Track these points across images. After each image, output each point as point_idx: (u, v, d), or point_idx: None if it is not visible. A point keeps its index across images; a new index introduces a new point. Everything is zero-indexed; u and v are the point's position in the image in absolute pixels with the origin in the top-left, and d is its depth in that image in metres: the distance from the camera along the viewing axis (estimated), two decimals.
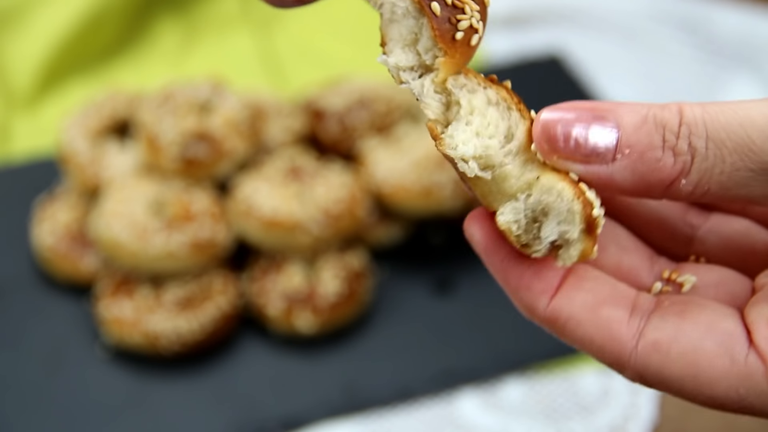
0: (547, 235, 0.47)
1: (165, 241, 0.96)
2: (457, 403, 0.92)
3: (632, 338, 0.45)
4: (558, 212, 0.46)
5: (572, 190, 0.46)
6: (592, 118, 0.44)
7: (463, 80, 0.48)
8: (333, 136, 1.09)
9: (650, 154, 0.44)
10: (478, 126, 0.47)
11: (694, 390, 0.44)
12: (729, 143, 0.43)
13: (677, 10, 1.41)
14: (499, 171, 0.47)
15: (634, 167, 0.44)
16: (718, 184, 0.43)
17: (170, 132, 1.00)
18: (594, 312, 0.46)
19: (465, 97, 0.48)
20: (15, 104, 1.27)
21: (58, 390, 0.94)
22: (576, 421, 0.90)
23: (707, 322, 0.44)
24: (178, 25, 1.41)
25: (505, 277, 0.48)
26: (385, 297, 1.02)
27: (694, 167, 0.43)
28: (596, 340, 0.46)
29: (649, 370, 0.45)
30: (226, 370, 0.96)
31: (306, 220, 0.98)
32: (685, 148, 0.43)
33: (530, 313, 0.48)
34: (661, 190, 0.44)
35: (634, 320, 0.46)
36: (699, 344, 0.44)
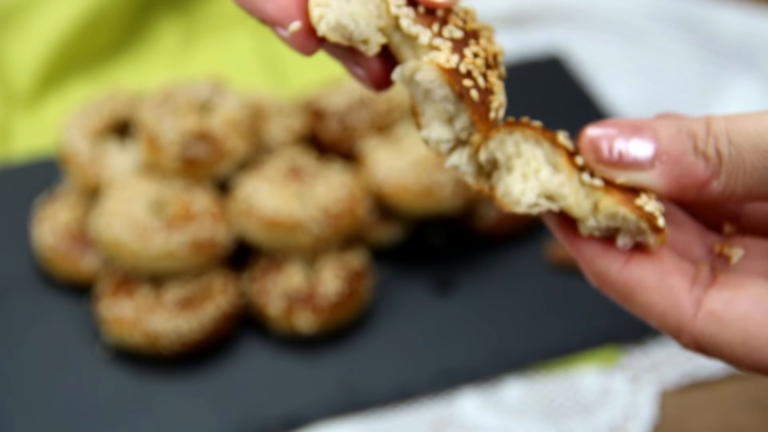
0: (624, 243, 0.53)
1: (165, 241, 0.96)
2: (457, 403, 0.92)
3: (692, 307, 0.51)
4: (628, 230, 0.52)
5: (633, 213, 0.52)
6: (632, 133, 0.52)
7: (492, 144, 0.53)
8: (333, 136, 1.09)
9: (684, 159, 0.51)
10: (521, 167, 0.52)
11: (744, 354, 0.50)
12: (746, 146, 0.50)
13: (677, 10, 1.41)
14: (563, 204, 0.52)
15: (671, 172, 0.51)
16: (743, 184, 0.51)
17: (170, 132, 1.00)
18: (662, 280, 0.52)
19: (498, 151, 0.53)
20: (15, 104, 1.27)
21: (58, 390, 0.94)
22: (576, 421, 0.90)
23: (757, 296, 0.51)
24: (179, 25, 1.41)
25: (580, 248, 0.54)
26: (385, 297, 1.02)
27: (723, 169, 0.50)
28: (660, 305, 0.52)
29: (705, 336, 0.51)
30: (226, 370, 0.96)
31: (306, 219, 0.98)
32: (714, 153, 0.50)
33: (602, 279, 0.53)
34: (695, 191, 0.51)
35: (695, 290, 0.52)
36: (749, 314, 0.50)
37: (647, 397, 0.91)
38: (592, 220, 0.52)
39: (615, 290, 0.53)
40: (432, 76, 0.51)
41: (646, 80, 1.33)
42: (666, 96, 1.29)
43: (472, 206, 1.04)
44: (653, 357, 0.95)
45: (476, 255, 1.06)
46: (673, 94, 1.30)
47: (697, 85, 1.30)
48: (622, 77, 1.33)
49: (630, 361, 0.95)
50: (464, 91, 0.51)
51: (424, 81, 0.52)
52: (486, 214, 1.05)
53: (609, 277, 0.53)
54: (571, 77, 1.30)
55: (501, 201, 0.53)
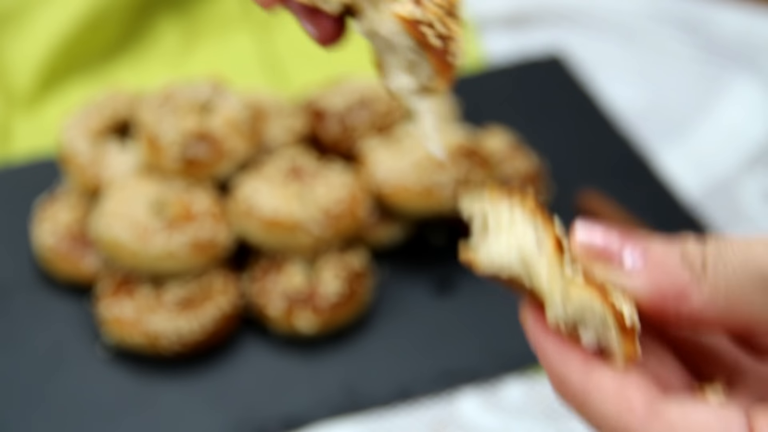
0: (587, 340, 0.50)
1: (165, 241, 0.96)
2: (457, 403, 0.92)
3: (647, 417, 0.48)
4: (594, 324, 0.50)
5: (603, 303, 0.49)
6: (621, 246, 0.50)
7: (487, 206, 0.52)
8: (333, 136, 1.09)
9: (669, 265, 0.49)
10: (508, 232, 0.51)
11: None
12: (736, 261, 0.48)
13: (677, 10, 1.41)
14: (535, 281, 0.50)
15: (655, 280, 0.49)
16: (725, 299, 0.48)
17: (171, 132, 1.00)
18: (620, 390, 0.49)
19: (491, 215, 0.52)
20: (15, 104, 1.27)
21: (58, 390, 0.94)
22: (576, 421, 0.90)
23: (718, 412, 0.48)
24: (179, 25, 1.41)
25: (544, 346, 0.51)
26: (385, 297, 1.02)
27: (707, 282, 0.48)
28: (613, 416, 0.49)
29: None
30: (226, 370, 0.96)
31: (306, 220, 0.98)
32: (698, 265, 0.49)
33: (561, 386, 0.51)
34: (676, 302, 0.49)
35: (655, 405, 0.49)
36: (706, 425, 0.47)
37: None
38: (560, 309, 0.50)
39: (571, 398, 0.51)
40: (394, 28, 0.51)
41: (646, 81, 1.33)
42: (666, 96, 1.29)
43: None
44: None
45: None
46: (673, 94, 1.30)
47: (697, 85, 1.31)
48: (622, 77, 1.33)
49: None
50: (425, 39, 0.51)
51: (387, 32, 0.52)
52: None
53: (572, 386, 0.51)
54: (571, 77, 1.30)
55: (473, 258, 0.51)
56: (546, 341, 0.51)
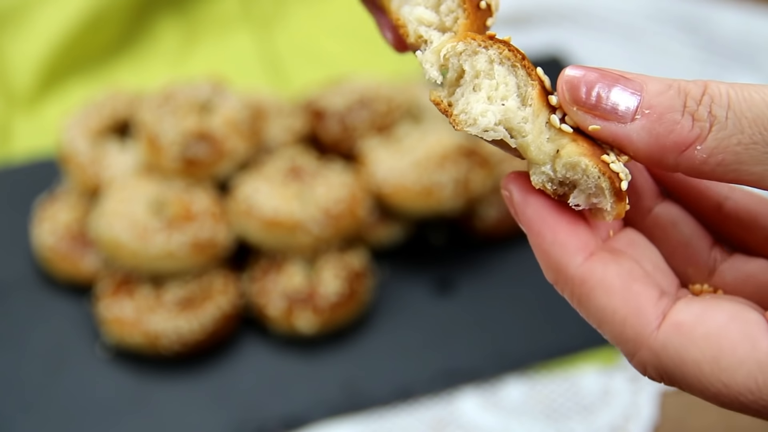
0: (577, 203, 0.47)
1: (165, 241, 0.96)
2: (457, 403, 0.92)
3: (657, 317, 0.45)
4: (585, 187, 0.47)
5: (597, 167, 0.46)
6: (616, 80, 0.45)
7: (461, 46, 0.48)
8: (333, 136, 1.09)
9: (669, 116, 0.44)
10: (488, 89, 0.47)
11: (712, 375, 0.43)
12: (749, 115, 0.43)
13: (677, 10, 1.41)
14: (520, 141, 0.47)
15: (652, 128, 0.45)
16: (734, 155, 0.44)
17: (171, 132, 1.00)
18: (627, 283, 0.46)
19: (467, 62, 0.48)
20: (15, 104, 1.27)
21: (58, 390, 0.94)
22: (576, 421, 0.90)
23: (732, 310, 0.44)
24: (179, 25, 1.41)
25: (539, 230, 0.47)
26: (385, 297, 1.02)
27: (711, 134, 0.44)
28: (620, 312, 0.45)
29: (668, 351, 0.44)
30: (226, 370, 0.96)
31: (306, 220, 0.98)
32: (705, 115, 0.44)
33: (558, 273, 0.47)
34: (675, 155, 0.45)
35: (662, 301, 0.46)
36: (723, 328, 0.44)
37: (647, 397, 0.91)
38: (548, 167, 0.47)
39: (572, 286, 0.47)
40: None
41: None
42: None
43: (472, 206, 1.04)
44: None
45: (476, 255, 1.06)
46: None
47: None
48: None
49: None
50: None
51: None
52: (486, 214, 1.05)
53: (567, 270, 0.47)
54: None
55: (456, 118, 0.48)
56: (537, 215, 0.47)
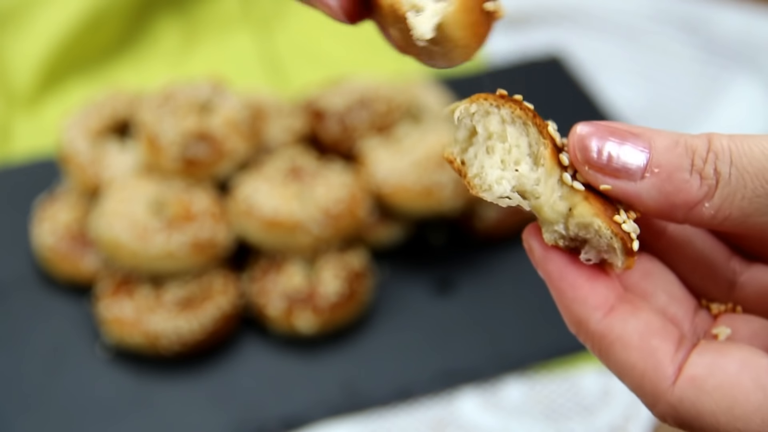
0: (588, 258, 0.49)
1: (165, 241, 0.96)
2: (457, 403, 0.92)
3: (673, 372, 0.46)
4: (597, 245, 0.48)
5: (609, 229, 0.47)
6: (626, 136, 0.47)
7: (474, 107, 0.49)
8: (333, 136, 1.09)
9: (678, 176, 0.46)
10: (501, 153, 0.48)
11: (728, 424, 0.45)
12: (751, 169, 0.45)
13: (677, 11, 1.41)
14: (534, 202, 0.48)
15: (662, 186, 0.46)
16: (739, 210, 0.46)
17: (170, 132, 1.00)
18: (644, 339, 0.47)
19: (479, 123, 0.49)
20: (15, 104, 1.27)
21: (58, 390, 0.94)
22: (576, 421, 0.90)
23: (742, 358, 0.46)
24: (179, 25, 1.41)
25: (560, 286, 0.49)
26: (385, 297, 1.02)
27: (717, 192, 0.46)
28: (638, 367, 0.47)
29: (684, 403, 0.46)
30: (226, 370, 0.96)
31: (306, 220, 0.98)
32: (711, 173, 0.46)
33: (579, 327, 0.49)
34: (684, 211, 0.47)
35: (678, 354, 0.47)
36: (735, 378, 0.45)
37: None
38: (561, 226, 0.48)
39: (593, 341, 0.49)
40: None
41: (647, 81, 1.33)
42: (666, 96, 1.29)
43: (472, 206, 1.04)
44: None
45: (476, 255, 1.06)
46: (674, 94, 1.30)
47: (698, 85, 1.30)
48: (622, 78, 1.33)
49: None
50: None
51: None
52: (486, 214, 1.05)
53: (588, 327, 0.48)
54: (571, 77, 1.30)
55: (470, 181, 0.48)
56: (558, 271, 0.49)
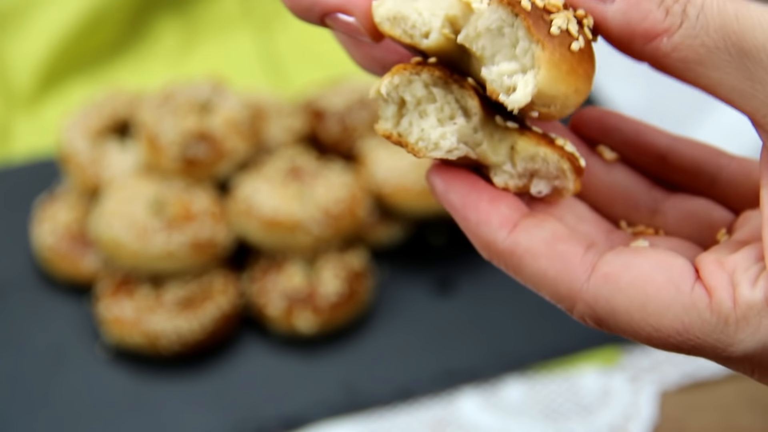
0: (539, 190, 0.50)
1: (165, 241, 0.96)
2: (457, 403, 0.92)
3: (585, 271, 0.47)
4: (546, 173, 0.49)
5: (554, 152, 0.49)
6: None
7: (396, 79, 0.50)
8: (333, 136, 1.09)
9: (646, 5, 0.46)
10: (435, 112, 0.49)
11: (641, 320, 0.45)
12: (719, 21, 0.45)
13: None
14: (478, 150, 0.49)
15: (628, 11, 0.47)
16: (696, 55, 0.46)
17: (170, 132, 1.00)
18: (551, 246, 0.48)
19: (405, 92, 0.50)
20: (15, 104, 1.27)
21: (58, 390, 0.94)
22: (576, 421, 0.90)
23: (658, 258, 0.46)
24: (179, 25, 1.41)
25: (465, 214, 0.50)
26: (385, 297, 1.02)
27: (680, 30, 0.46)
28: (550, 273, 0.47)
29: (599, 301, 0.46)
30: (226, 370, 0.96)
31: (306, 220, 0.98)
32: (678, 12, 0.46)
33: (489, 250, 0.50)
34: (643, 42, 0.47)
35: (588, 255, 0.47)
36: (648, 275, 0.45)
37: (647, 397, 0.91)
38: (509, 165, 0.49)
39: (503, 259, 0.49)
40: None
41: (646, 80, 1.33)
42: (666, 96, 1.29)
43: None
44: (653, 357, 0.95)
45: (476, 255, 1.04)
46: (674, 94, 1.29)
47: None
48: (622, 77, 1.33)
49: (630, 361, 0.95)
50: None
51: None
52: None
53: (496, 246, 0.49)
54: None
55: (415, 146, 0.49)
56: (460, 199, 0.50)
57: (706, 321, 0.44)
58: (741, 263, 0.45)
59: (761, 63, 0.44)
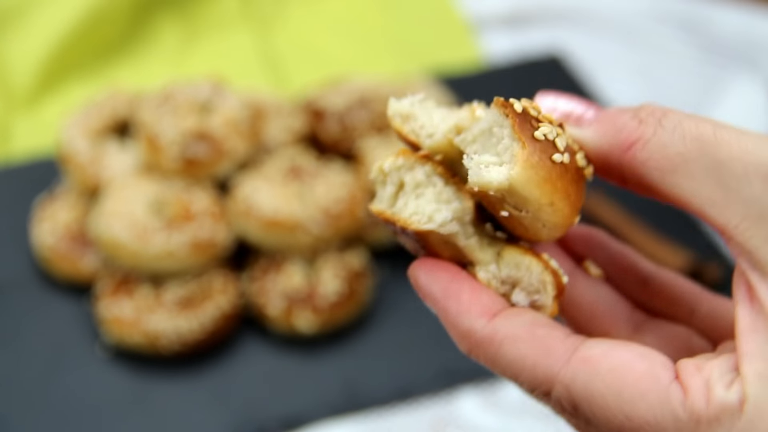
0: (517, 300, 0.50)
1: (165, 241, 0.96)
2: (457, 403, 0.92)
3: (566, 353, 0.47)
4: (528, 284, 0.50)
5: (539, 264, 0.50)
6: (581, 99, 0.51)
7: (401, 161, 0.51)
8: (333, 136, 1.09)
9: (620, 119, 0.48)
10: (433, 194, 0.51)
11: (615, 408, 0.45)
12: (695, 133, 0.46)
13: (677, 10, 1.41)
14: (465, 243, 0.50)
15: (604, 127, 0.48)
16: (672, 165, 0.46)
17: (170, 132, 1.00)
18: (531, 330, 0.48)
19: (407, 175, 0.51)
20: (15, 104, 1.27)
21: (58, 390, 0.94)
22: None
23: (641, 351, 0.46)
24: (178, 25, 1.41)
25: (445, 304, 0.50)
26: (385, 297, 1.02)
27: (655, 138, 0.47)
28: (530, 357, 0.47)
29: (576, 384, 0.46)
30: (226, 370, 0.96)
31: (306, 219, 0.98)
32: (652, 122, 0.47)
33: (468, 340, 0.50)
34: (620, 151, 0.48)
35: (570, 339, 0.47)
36: (629, 364, 0.45)
37: None
38: (494, 267, 0.50)
39: (482, 348, 0.49)
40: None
41: (647, 80, 1.33)
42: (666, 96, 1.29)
43: None
44: None
45: None
46: (674, 94, 1.30)
47: (698, 85, 1.31)
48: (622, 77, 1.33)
49: None
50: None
51: None
52: None
53: (475, 334, 0.49)
54: (571, 77, 1.30)
55: (407, 221, 0.50)
56: (441, 291, 0.50)
57: (678, 418, 0.44)
58: (717, 368, 0.45)
59: (735, 172, 0.44)
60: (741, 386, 0.43)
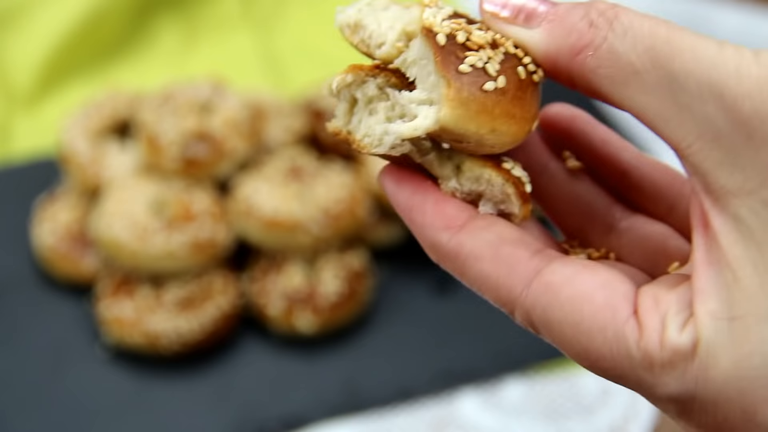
0: (486, 211, 0.49)
1: (165, 241, 0.96)
2: (457, 403, 0.92)
3: (527, 276, 0.45)
4: (492, 196, 0.48)
5: (499, 175, 0.48)
6: None
7: (350, 77, 0.49)
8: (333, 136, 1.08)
9: (569, 20, 0.45)
10: (385, 110, 0.48)
11: (573, 338, 0.44)
12: (648, 42, 0.43)
13: (677, 10, 1.41)
14: (422, 159, 0.48)
15: (552, 30, 0.45)
16: (622, 75, 0.43)
17: (170, 132, 1.00)
18: (495, 249, 0.46)
19: (357, 91, 0.49)
20: (15, 104, 1.27)
21: (58, 390, 0.94)
22: (576, 421, 0.90)
23: (604, 278, 0.44)
24: (179, 25, 1.41)
25: (410, 216, 0.49)
26: (385, 297, 1.02)
27: (606, 44, 0.43)
28: (492, 276, 0.46)
29: (536, 310, 0.45)
30: (226, 370, 0.96)
31: (306, 220, 0.98)
32: (603, 25, 0.44)
33: (436, 252, 0.49)
34: (568, 58, 0.45)
35: (534, 260, 0.46)
36: (589, 293, 0.44)
37: None
38: (454, 181, 0.48)
39: (449, 261, 0.48)
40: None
41: None
42: None
43: None
44: None
45: None
46: None
47: None
48: None
49: None
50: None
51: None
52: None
53: (441, 248, 0.48)
54: None
55: (360, 143, 0.49)
56: (407, 202, 0.49)
57: (632, 356, 0.42)
58: (674, 305, 0.43)
59: (689, 89, 0.41)
60: (694, 327, 0.41)
